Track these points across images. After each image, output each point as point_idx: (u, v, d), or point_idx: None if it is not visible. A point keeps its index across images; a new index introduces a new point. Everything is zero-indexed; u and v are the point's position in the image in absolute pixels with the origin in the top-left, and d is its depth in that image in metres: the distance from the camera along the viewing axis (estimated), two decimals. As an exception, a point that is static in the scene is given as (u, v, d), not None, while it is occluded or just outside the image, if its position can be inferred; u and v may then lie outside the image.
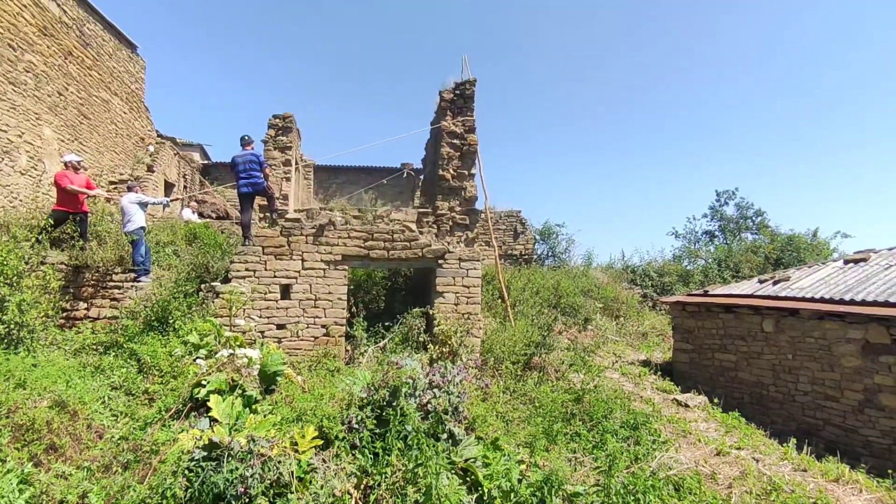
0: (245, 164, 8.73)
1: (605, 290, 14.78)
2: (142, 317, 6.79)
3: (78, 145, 10.75)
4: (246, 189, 8.67)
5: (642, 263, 18.81)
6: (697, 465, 5.60)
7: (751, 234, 22.84)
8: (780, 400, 8.34)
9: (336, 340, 7.74)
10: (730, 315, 9.26)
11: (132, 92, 13.54)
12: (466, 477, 4.33)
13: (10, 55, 8.58)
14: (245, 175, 8.67)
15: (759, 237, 21.39)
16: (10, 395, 4.38)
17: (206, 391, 4.60)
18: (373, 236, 8.04)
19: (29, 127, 9.12)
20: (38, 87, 9.40)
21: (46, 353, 5.90)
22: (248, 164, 8.73)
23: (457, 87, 9.52)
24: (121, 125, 12.87)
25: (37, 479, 3.61)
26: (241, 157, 8.79)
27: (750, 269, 17.33)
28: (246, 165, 8.71)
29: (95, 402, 4.92)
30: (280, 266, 7.75)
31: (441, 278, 8.17)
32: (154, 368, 5.81)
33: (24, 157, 9.02)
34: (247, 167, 8.71)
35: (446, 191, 8.80)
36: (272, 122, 12.05)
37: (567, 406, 6.35)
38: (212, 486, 3.55)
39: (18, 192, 8.82)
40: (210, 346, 6.00)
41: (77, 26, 10.77)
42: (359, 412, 4.41)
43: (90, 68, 11.33)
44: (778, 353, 8.40)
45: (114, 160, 12.44)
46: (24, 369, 5.02)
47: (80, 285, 7.39)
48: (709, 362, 9.61)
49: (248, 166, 8.72)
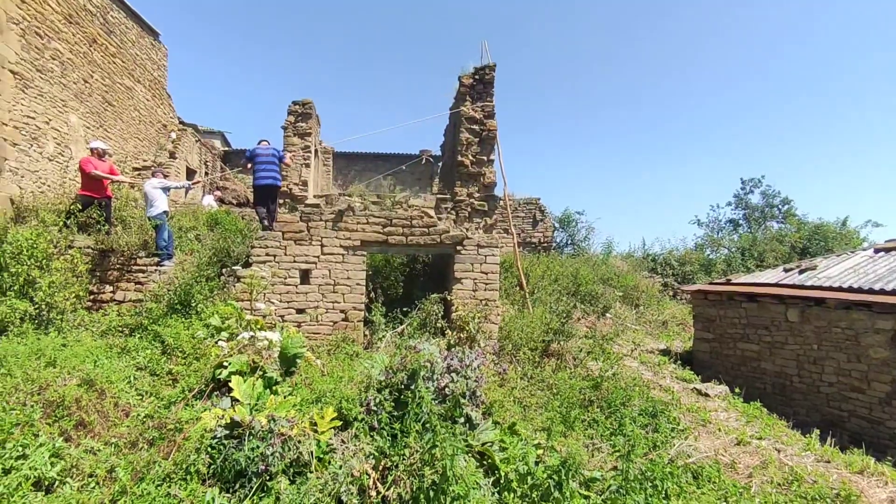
0: (266, 156, 8.85)
1: (625, 278, 14.63)
2: (165, 300, 6.93)
3: (103, 132, 10.94)
4: (264, 181, 8.76)
5: (663, 252, 18.58)
6: (717, 453, 5.54)
7: (777, 222, 22.37)
8: (804, 391, 8.19)
9: (354, 325, 7.80)
10: (753, 304, 9.09)
11: (155, 79, 13.70)
12: (483, 460, 4.36)
13: (37, 43, 8.73)
14: (264, 169, 8.79)
15: (786, 226, 20.94)
16: (41, 373, 4.54)
17: (227, 372, 4.69)
18: (391, 222, 8.05)
19: (56, 114, 9.30)
20: (64, 74, 9.56)
21: (75, 334, 6.07)
22: (268, 158, 8.85)
23: (476, 73, 9.42)
24: (144, 112, 13.05)
25: (67, 454, 3.74)
26: (263, 151, 8.92)
27: (775, 258, 16.99)
28: (266, 159, 8.83)
29: (122, 382, 5.05)
30: (300, 251, 7.82)
31: (459, 264, 8.17)
32: (177, 350, 5.94)
33: (52, 144, 9.21)
34: (267, 159, 8.83)
35: (465, 177, 8.75)
36: (292, 109, 12.11)
37: (585, 393, 6.32)
38: (233, 464, 3.63)
39: (46, 178, 9.02)
40: (231, 329, 6.09)
41: (101, 14, 10.90)
42: (377, 395, 4.45)
43: (114, 56, 11.48)
44: (803, 344, 8.24)
45: (137, 147, 12.64)
46: (54, 349, 5.18)
47: (106, 269, 7.56)
48: (730, 352, 9.47)
49: (268, 159, 8.84)
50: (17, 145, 8.26)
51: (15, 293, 6.05)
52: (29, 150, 8.58)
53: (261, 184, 8.80)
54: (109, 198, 8.37)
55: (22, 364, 4.65)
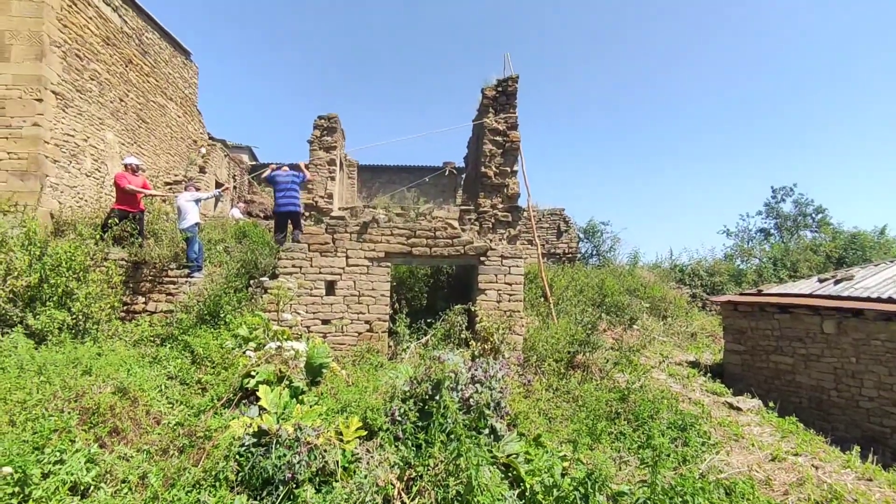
0: (287, 183, 8.95)
1: (652, 289, 14.38)
2: (195, 311, 7.10)
3: (137, 148, 11.34)
4: (285, 209, 8.87)
5: (691, 262, 18.21)
6: (750, 469, 5.37)
7: (810, 231, 21.74)
8: (843, 405, 7.90)
9: (379, 336, 7.85)
10: (786, 315, 8.84)
11: (186, 96, 14.16)
12: (508, 472, 4.32)
13: (77, 64, 9.13)
14: (283, 194, 8.89)
15: (820, 235, 20.32)
16: (78, 381, 4.70)
17: (255, 381, 4.77)
18: (415, 233, 8.11)
19: (93, 131, 9.69)
20: (102, 93, 9.97)
21: (109, 344, 6.26)
22: (288, 185, 8.95)
23: (499, 84, 9.48)
24: (175, 128, 13.49)
25: (102, 459, 3.84)
26: (283, 177, 9.01)
27: (809, 268, 16.48)
28: (287, 185, 8.94)
29: (153, 390, 5.18)
30: (325, 263, 7.93)
31: (483, 275, 8.16)
32: (206, 360, 6.07)
33: (89, 160, 9.58)
34: (287, 185, 8.94)
35: (488, 188, 8.77)
36: (317, 123, 12.36)
37: (612, 405, 6.21)
38: (261, 471, 3.68)
39: (84, 193, 9.38)
40: (259, 340, 6.20)
41: (137, 35, 11.36)
42: (402, 405, 4.46)
43: (148, 75, 11.92)
44: (840, 356, 7.96)
45: (169, 162, 13.04)
46: (90, 357, 5.36)
47: (139, 280, 7.79)
48: (763, 364, 9.20)
49: (288, 185, 8.94)
50: (57, 162, 8.62)
51: (54, 304, 6.28)
52: (68, 166, 8.94)
53: (281, 211, 8.92)
54: (142, 211, 8.64)
55: (60, 372, 4.82)
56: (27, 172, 8.16)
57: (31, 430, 3.86)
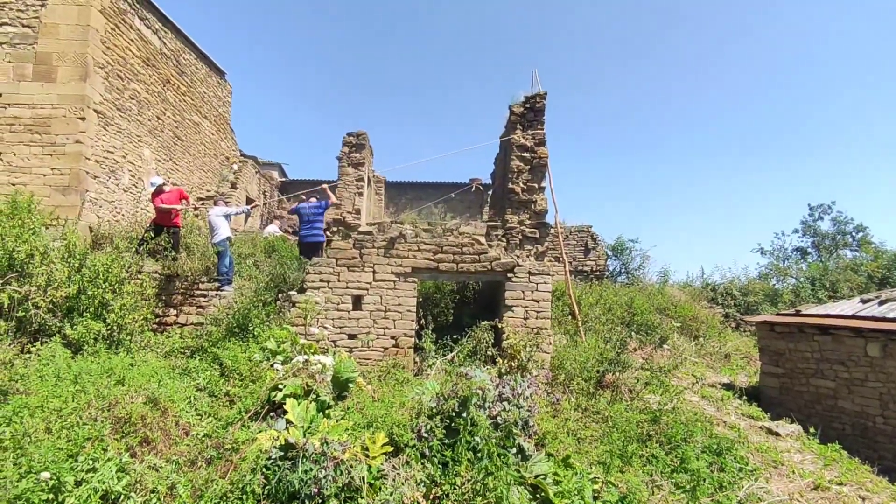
0: (310, 214, 9.28)
1: (683, 308, 14.00)
2: (224, 324, 7.20)
3: (172, 164, 11.69)
4: (307, 240, 9.18)
5: (723, 281, 17.70)
6: (792, 498, 5.13)
7: (850, 250, 20.93)
8: (890, 433, 7.49)
9: (405, 352, 7.81)
10: (827, 337, 8.47)
11: (220, 115, 14.59)
12: (536, 494, 4.20)
13: (118, 84, 9.51)
14: (308, 226, 9.22)
15: (861, 254, 19.55)
16: (111, 391, 4.78)
17: (282, 395, 4.78)
18: (442, 249, 8.10)
19: (132, 148, 10.04)
20: (140, 112, 10.35)
21: (142, 355, 6.38)
22: (311, 216, 9.28)
23: (527, 101, 9.50)
24: (209, 145, 13.89)
25: (132, 469, 3.88)
26: (307, 208, 9.35)
27: (850, 288, 15.84)
28: (310, 217, 9.26)
29: (183, 402, 5.24)
30: (352, 277, 7.97)
31: (510, 292, 8.08)
32: (234, 372, 6.12)
33: (127, 176, 9.91)
34: (311, 217, 9.26)
35: (515, 204, 8.74)
36: (346, 140, 12.57)
37: (643, 426, 6.02)
38: (287, 485, 3.66)
39: (121, 207, 9.69)
40: (286, 353, 6.23)
41: (175, 56, 11.79)
42: (428, 421, 4.40)
43: (184, 94, 12.34)
44: (886, 381, 7.57)
45: (202, 178, 13.41)
46: (123, 368, 5.46)
47: (171, 293, 7.96)
48: (802, 388, 8.81)
49: (312, 217, 9.27)
50: (97, 178, 8.94)
51: (90, 315, 6.45)
52: (107, 181, 9.26)
53: (305, 241, 9.24)
54: (178, 227, 8.83)
55: (94, 381, 4.92)
56: (69, 187, 8.48)
57: (65, 438, 3.92)
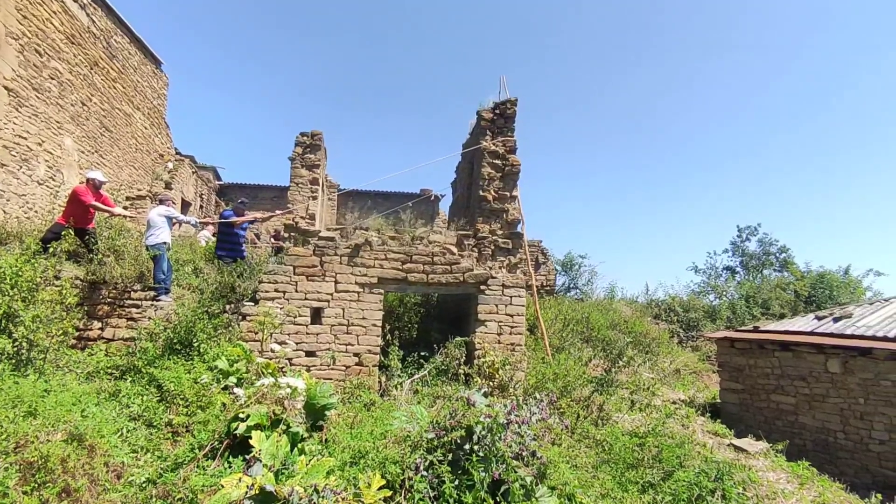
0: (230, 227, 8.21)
1: (635, 324, 14.12)
2: (162, 339, 6.17)
3: (98, 157, 10.32)
4: (223, 253, 8.07)
5: (666, 298, 18.17)
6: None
7: (774, 270, 22.26)
8: (851, 448, 7.62)
9: (369, 370, 7.10)
10: (787, 353, 8.61)
11: (154, 108, 13.22)
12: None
13: (35, 60, 8.22)
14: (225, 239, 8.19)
15: (784, 274, 20.81)
16: (19, 426, 3.73)
17: (245, 426, 3.96)
18: (411, 258, 7.50)
19: (50, 135, 8.69)
20: (62, 95, 9.02)
21: (59, 377, 5.26)
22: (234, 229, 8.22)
23: (496, 107, 9.14)
24: (141, 140, 12.49)
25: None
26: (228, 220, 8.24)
27: (780, 305, 16.70)
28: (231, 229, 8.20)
29: (113, 435, 4.27)
30: (312, 288, 7.19)
31: (483, 305, 7.59)
32: (178, 397, 5.17)
33: (43, 167, 8.56)
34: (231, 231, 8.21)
35: (487, 212, 8.30)
36: (299, 140, 11.65)
37: (635, 452, 5.67)
38: (267, 549, 2.90)
39: (34, 203, 8.33)
40: (240, 374, 5.38)
41: (105, 37, 10.49)
42: (427, 455, 3.76)
43: (115, 81, 11.00)
44: (847, 397, 7.73)
45: (132, 175, 12.00)
46: (35, 395, 4.34)
47: (96, 303, 6.78)
48: (763, 404, 8.90)
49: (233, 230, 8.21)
50: (4, 166, 7.60)
51: (-8, 328, 5.25)
52: (18, 171, 7.93)
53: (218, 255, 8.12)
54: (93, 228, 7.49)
55: (-4, 414, 3.86)
56: (-32, 176, 7.12)
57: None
